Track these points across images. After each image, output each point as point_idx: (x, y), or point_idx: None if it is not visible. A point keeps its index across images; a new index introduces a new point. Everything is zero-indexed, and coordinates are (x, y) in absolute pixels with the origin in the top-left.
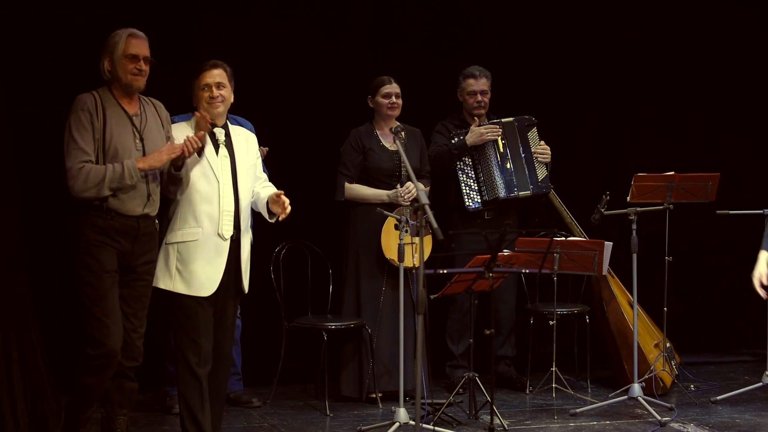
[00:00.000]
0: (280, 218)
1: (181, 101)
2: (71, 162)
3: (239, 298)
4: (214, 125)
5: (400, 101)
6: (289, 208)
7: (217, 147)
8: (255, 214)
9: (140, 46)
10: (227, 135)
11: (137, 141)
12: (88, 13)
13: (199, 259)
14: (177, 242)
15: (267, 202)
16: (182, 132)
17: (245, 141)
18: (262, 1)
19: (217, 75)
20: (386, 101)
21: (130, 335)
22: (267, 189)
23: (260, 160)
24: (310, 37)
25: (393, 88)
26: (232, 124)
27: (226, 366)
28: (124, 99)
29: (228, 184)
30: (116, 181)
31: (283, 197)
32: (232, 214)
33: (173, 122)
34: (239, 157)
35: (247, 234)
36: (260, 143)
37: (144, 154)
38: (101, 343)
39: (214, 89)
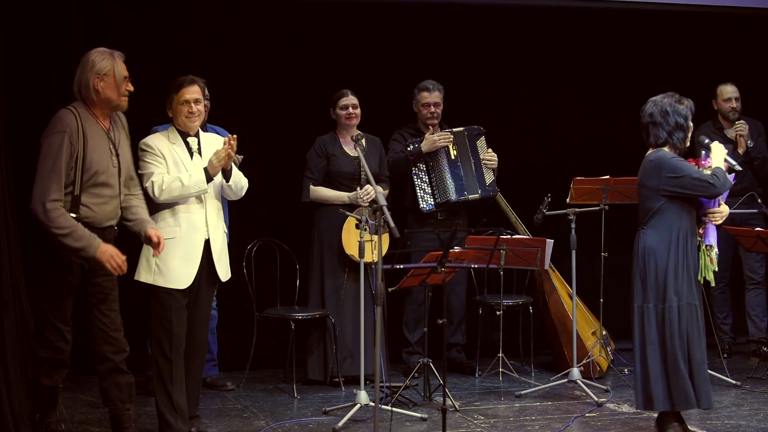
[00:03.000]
0: (235, 162)
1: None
2: (47, 195)
3: (215, 287)
4: (188, 135)
5: (357, 111)
6: (230, 152)
7: (191, 154)
8: (231, 216)
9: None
10: (198, 143)
11: (114, 158)
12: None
13: (177, 256)
14: None
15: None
16: (160, 141)
17: (214, 147)
18: (235, 21)
19: (195, 92)
20: (344, 112)
21: (111, 332)
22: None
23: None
24: (280, 55)
25: (350, 99)
26: (209, 132)
27: (202, 352)
28: (101, 116)
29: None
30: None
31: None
32: (204, 214)
33: (156, 131)
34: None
35: (219, 228)
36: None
37: (119, 171)
38: (55, 347)
39: (192, 105)
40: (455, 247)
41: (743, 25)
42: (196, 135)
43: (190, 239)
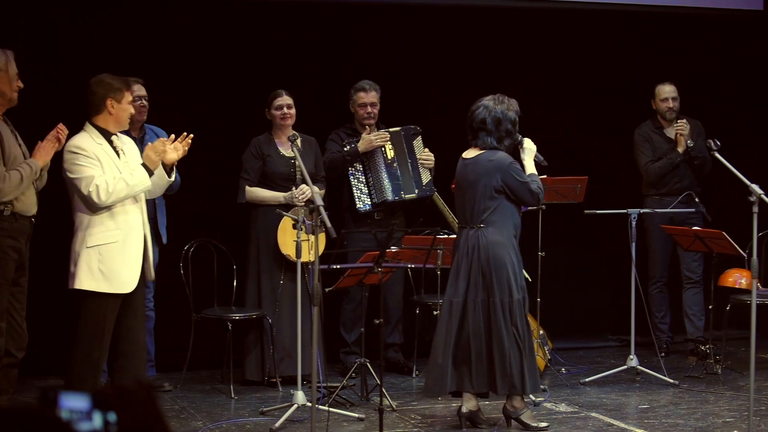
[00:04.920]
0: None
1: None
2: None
3: (146, 285)
4: (111, 133)
5: (292, 111)
6: (178, 146)
7: (117, 153)
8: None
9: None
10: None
11: (21, 146)
12: None
13: (120, 260)
14: (98, 245)
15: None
16: (88, 142)
17: (130, 146)
18: (171, 21)
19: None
20: (279, 112)
21: (21, 327)
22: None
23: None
24: (216, 55)
25: (285, 100)
26: (147, 132)
27: (141, 352)
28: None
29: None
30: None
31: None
32: (140, 213)
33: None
34: (132, 160)
35: (147, 226)
36: None
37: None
38: None
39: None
40: (392, 247)
41: (685, 25)
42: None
43: (131, 241)
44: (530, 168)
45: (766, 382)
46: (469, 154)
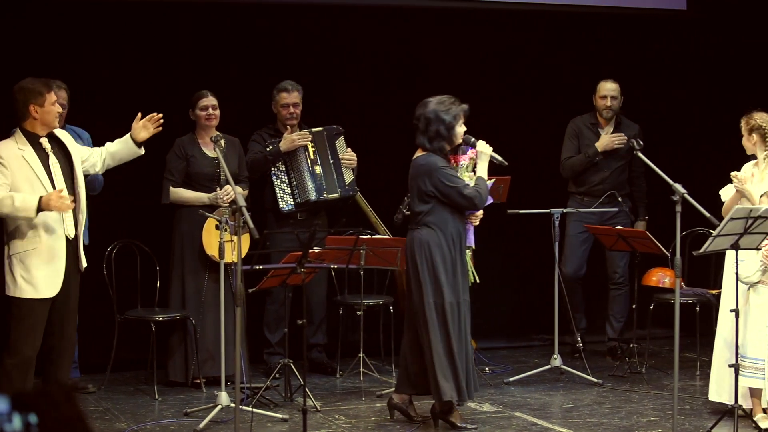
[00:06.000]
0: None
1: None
2: None
3: (78, 280)
4: (39, 136)
5: (217, 112)
6: (147, 125)
7: (46, 155)
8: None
9: None
10: (56, 141)
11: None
12: None
13: (40, 265)
14: (18, 252)
15: (131, 138)
16: (9, 149)
17: (65, 138)
18: (93, 22)
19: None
20: (204, 113)
21: None
22: (113, 143)
23: (86, 149)
24: (139, 56)
25: (210, 100)
26: (70, 134)
27: (70, 350)
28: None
29: (62, 188)
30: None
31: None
32: (71, 214)
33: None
34: (72, 157)
35: (79, 221)
36: None
37: None
38: None
39: (58, 106)
40: (315, 248)
41: (610, 25)
42: (48, 135)
43: (52, 245)
44: (480, 171)
45: (689, 381)
46: (415, 154)
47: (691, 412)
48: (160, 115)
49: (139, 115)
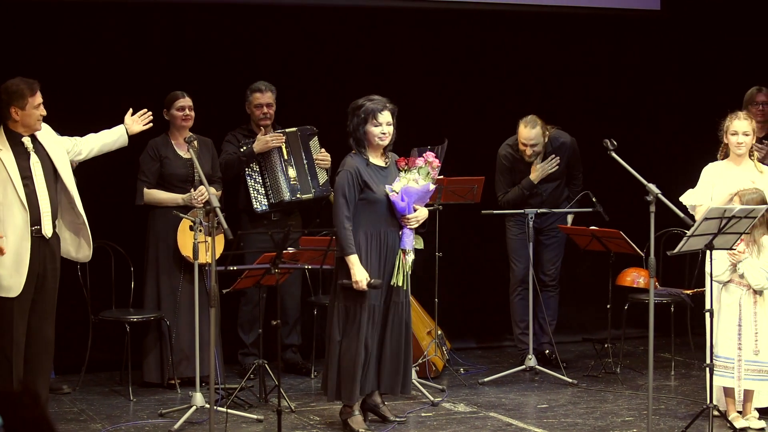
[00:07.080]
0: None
1: None
2: None
3: (57, 278)
4: (21, 135)
5: (192, 113)
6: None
7: (28, 155)
8: None
9: None
10: (36, 140)
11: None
12: None
13: (4, 264)
14: None
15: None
16: None
17: (51, 138)
18: (65, 22)
19: (40, 97)
20: (180, 114)
21: None
22: (108, 132)
23: (70, 140)
24: (113, 56)
25: (186, 101)
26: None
27: (49, 349)
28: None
29: (43, 187)
30: None
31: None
32: (50, 213)
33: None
34: (54, 155)
35: (59, 214)
36: None
37: None
38: None
39: (42, 109)
40: (289, 248)
41: (584, 26)
42: (30, 135)
43: (16, 245)
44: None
45: (664, 381)
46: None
47: (665, 412)
48: (150, 112)
49: (131, 110)
